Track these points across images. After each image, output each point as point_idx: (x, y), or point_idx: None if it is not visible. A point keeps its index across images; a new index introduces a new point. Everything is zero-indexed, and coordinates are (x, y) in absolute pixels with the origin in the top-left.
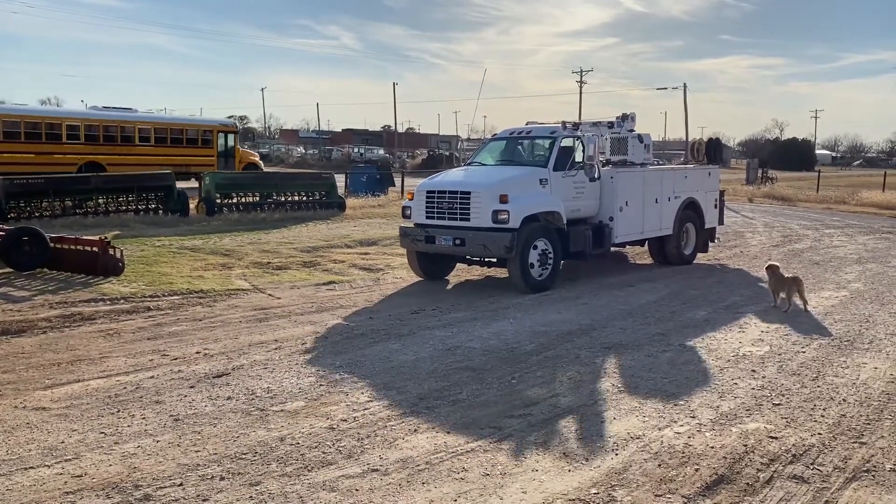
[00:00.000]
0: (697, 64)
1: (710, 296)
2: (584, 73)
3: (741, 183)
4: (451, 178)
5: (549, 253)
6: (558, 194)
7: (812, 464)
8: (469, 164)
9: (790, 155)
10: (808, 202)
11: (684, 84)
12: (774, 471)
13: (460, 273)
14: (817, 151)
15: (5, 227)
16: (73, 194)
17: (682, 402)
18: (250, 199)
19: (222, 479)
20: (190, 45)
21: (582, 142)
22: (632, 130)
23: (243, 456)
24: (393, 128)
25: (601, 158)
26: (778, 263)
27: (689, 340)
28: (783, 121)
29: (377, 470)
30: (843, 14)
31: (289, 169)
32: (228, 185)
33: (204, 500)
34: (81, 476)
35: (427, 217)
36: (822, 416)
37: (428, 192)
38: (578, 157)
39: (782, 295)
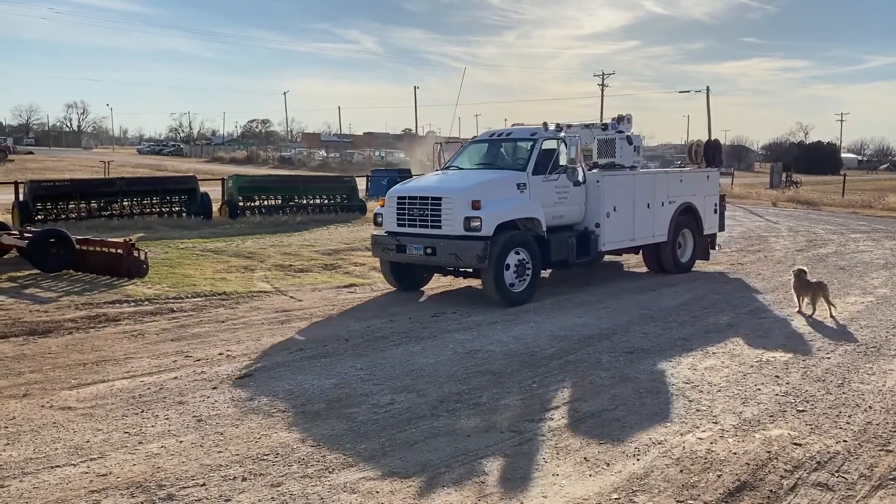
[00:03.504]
0: (719, 66)
1: (732, 300)
2: (605, 77)
3: (765, 187)
4: (423, 182)
5: (527, 263)
6: (538, 200)
7: (837, 471)
8: (446, 168)
9: (815, 158)
10: (833, 206)
11: (707, 87)
12: (798, 478)
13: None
14: (843, 155)
15: (33, 229)
16: (98, 197)
17: (704, 408)
18: (272, 202)
19: (244, 479)
20: (212, 49)
21: (565, 144)
22: (620, 132)
23: (265, 457)
24: (414, 131)
25: (590, 161)
26: (806, 268)
27: (711, 345)
28: (808, 124)
29: (398, 473)
30: (866, 16)
31: (310, 172)
32: (251, 188)
33: (226, 501)
34: (106, 475)
35: (398, 224)
36: (848, 423)
37: (399, 197)
38: (562, 160)
39: (807, 300)
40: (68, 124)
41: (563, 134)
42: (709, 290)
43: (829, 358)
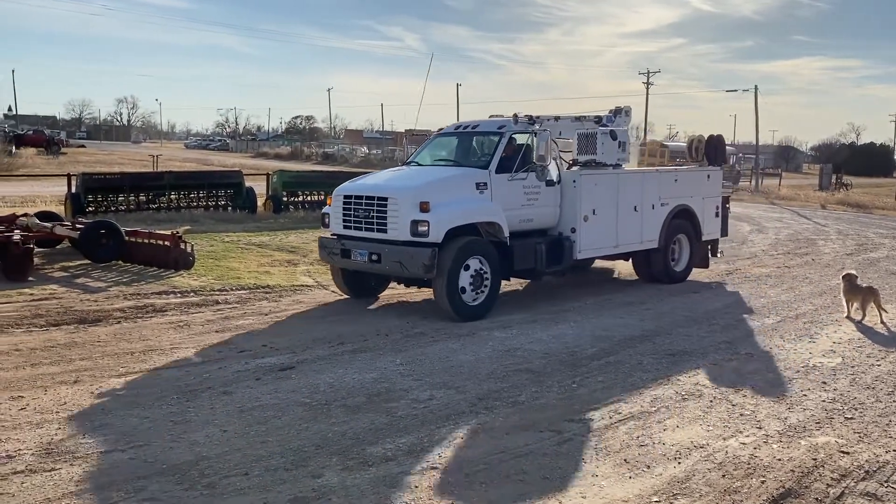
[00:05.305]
0: (768, 65)
1: (778, 304)
2: (650, 75)
3: (813, 188)
4: (371, 180)
5: (485, 273)
6: (500, 201)
7: (886, 481)
8: (406, 164)
9: (867, 160)
10: (885, 209)
11: (755, 86)
12: (845, 487)
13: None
14: None
15: (84, 221)
16: (147, 190)
17: (748, 412)
18: (316, 197)
19: (286, 470)
20: (257, 45)
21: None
22: (605, 126)
23: (306, 449)
24: None
25: (570, 158)
26: (855, 272)
27: (756, 349)
28: (860, 125)
29: (436, 468)
30: None
31: (353, 168)
32: (295, 183)
33: (267, 491)
34: (152, 462)
35: (344, 226)
36: None
37: (345, 196)
38: (534, 156)
39: (856, 305)
40: (118, 119)
41: (535, 127)
42: (754, 293)
43: (879, 365)
